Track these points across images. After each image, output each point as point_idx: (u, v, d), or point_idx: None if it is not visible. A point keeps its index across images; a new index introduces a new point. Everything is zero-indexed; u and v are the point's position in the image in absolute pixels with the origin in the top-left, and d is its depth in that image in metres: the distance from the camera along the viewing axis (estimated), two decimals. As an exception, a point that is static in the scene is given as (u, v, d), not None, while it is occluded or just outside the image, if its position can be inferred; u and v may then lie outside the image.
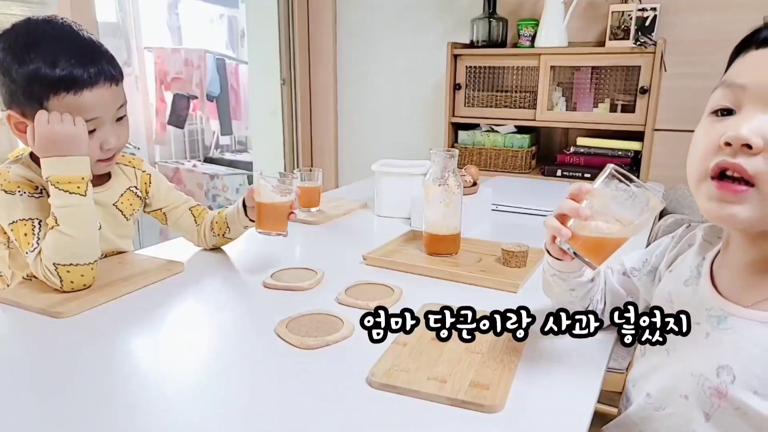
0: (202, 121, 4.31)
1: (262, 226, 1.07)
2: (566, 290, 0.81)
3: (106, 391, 0.70)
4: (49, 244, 0.94)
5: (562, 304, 0.85)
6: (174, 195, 1.23)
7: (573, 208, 0.69)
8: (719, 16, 2.13)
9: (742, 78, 0.59)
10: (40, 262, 0.94)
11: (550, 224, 0.72)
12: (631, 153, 2.26)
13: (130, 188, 1.17)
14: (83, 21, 1.87)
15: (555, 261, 0.78)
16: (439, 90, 2.73)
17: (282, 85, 3.02)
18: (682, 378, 0.63)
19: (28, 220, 0.97)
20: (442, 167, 1.14)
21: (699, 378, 0.61)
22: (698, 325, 0.64)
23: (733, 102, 0.60)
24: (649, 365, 0.69)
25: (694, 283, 0.68)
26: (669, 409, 0.64)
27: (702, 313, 0.64)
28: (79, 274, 0.95)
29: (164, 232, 3.66)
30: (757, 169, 0.55)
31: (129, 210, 1.16)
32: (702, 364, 0.61)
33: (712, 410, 0.60)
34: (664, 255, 0.78)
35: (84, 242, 0.96)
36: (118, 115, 1.02)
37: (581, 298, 0.82)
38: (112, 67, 0.99)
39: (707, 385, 0.60)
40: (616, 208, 0.68)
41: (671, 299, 0.70)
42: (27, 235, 0.96)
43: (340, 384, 0.72)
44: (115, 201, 1.13)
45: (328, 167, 3.09)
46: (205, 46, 4.04)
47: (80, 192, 0.96)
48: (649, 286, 0.79)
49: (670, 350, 0.66)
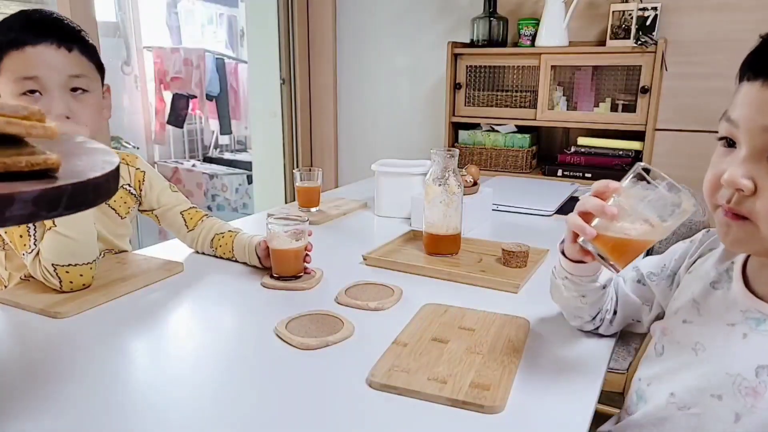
0: (202, 120, 4.30)
1: (279, 272, 1.04)
2: (576, 296, 0.79)
3: (105, 391, 0.70)
4: (47, 245, 0.94)
5: (570, 311, 0.84)
6: (166, 197, 1.20)
7: (599, 206, 0.66)
8: (720, 16, 2.12)
9: (735, 113, 0.60)
10: (39, 263, 0.94)
11: (573, 222, 0.69)
12: (632, 153, 2.26)
13: (123, 186, 1.15)
14: (83, 21, 1.87)
15: (569, 264, 0.76)
16: (440, 89, 2.72)
17: (282, 85, 3.01)
18: (716, 377, 0.63)
19: None
20: (442, 167, 1.13)
21: (736, 378, 0.61)
22: (733, 327, 0.64)
23: (732, 135, 0.61)
24: (672, 365, 0.69)
25: (725, 287, 0.68)
26: (695, 408, 0.64)
27: (736, 315, 0.65)
28: (78, 274, 0.95)
29: (164, 232, 3.66)
30: (750, 209, 0.58)
31: (124, 209, 1.15)
32: (739, 364, 0.62)
33: (745, 410, 0.60)
34: (684, 259, 0.77)
35: (82, 242, 0.96)
36: (73, 84, 0.97)
37: (591, 305, 0.80)
38: (70, 36, 0.97)
39: (744, 385, 0.60)
40: (644, 208, 0.65)
41: (695, 299, 0.70)
42: (22, 236, 0.96)
43: (340, 384, 0.72)
44: (108, 200, 1.12)
45: (328, 167, 3.09)
46: (204, 45, 4.05)
47: None
48: (666, 291, 0.79)
49: (699, 350, 0.66)
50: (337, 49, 3.00)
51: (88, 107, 1.00)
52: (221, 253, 1.17)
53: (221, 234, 1.17)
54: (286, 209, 1.57)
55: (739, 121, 0.59)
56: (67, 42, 0.96)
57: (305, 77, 3.04)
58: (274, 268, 1.05)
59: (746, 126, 0.58)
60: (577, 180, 2.19)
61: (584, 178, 2.23)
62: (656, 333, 0.74)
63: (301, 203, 1.55)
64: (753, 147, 0.58)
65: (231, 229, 1.19)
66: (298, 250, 1.04)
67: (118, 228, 1.16)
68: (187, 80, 3.83)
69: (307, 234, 1.05)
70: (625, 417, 0.73)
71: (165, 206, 1.20)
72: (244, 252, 1.13)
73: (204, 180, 3.88)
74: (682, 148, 2.18)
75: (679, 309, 0.71)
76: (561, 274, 0.79)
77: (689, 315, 0.70)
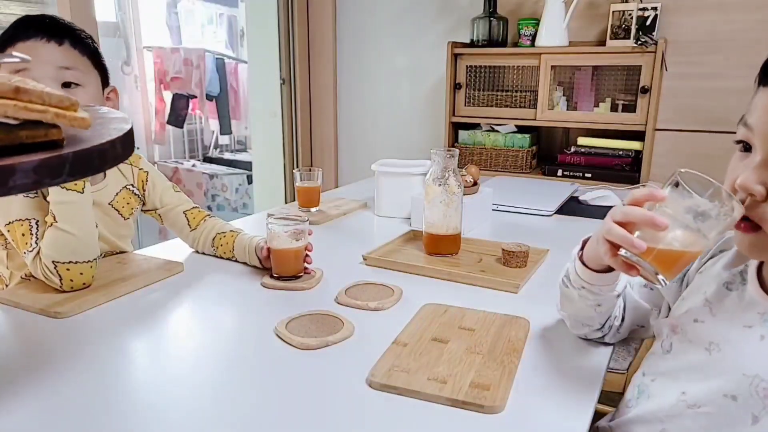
0: (202, 120, 4.30)
1: (279, 272, 1.04)
2: (592, 305, 0.77)
3: (104, 391, 0.70)
4: (47, 241, 0.94)
5: (579, 320, 0.82)
6: (169, 196, 1.20)
7: (648, 217, 0.61)
8: (720, 16, 2.12)
9: (752, 117, 0.60)
10: (39, 261, 0.94)
11: (617, 234, 0.63)
12: (632, 153, 2.26)
13: (127, 186, 1.15)
14: (83, 21, 1.88)
15: (589, 273, 0.74)
16: (440, 89, 2.72)
17: (282, 85, 3.01)
18: (731, 378, 0.63)
19: (24, 220, 0.97)
20: (442, 167, 1.13)
21: (753, 379, 0.61)
22: (750, 329, 0.64)
23: (749, 139, 0.61)
24: (682, 363, 0.68)
25: (739, 288, 0.68)
26: (706, 408, 0.64)
27: (753, 316, 0.64)
28: (78, 272, 0.95)
29: (164, 232, 3.66)
30: (762, 215, 0.58)
31: (127, 210, 1.15)
32: (757, 366, 0.61)
33: (763, 412, 0.60)
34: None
35: (83, 239, 0.96)
36: (64, 77, 0.98)
37: (603, 313, 0.79)
38: (62, 31, 0.98)
39: (762, 387, 0.60)
40: (690, 216, 0.61)
41: (708, 299, 0.70)
42: (24, 235, 0.96)
43: (340, 384, 0.72)
44: (110, 200, 1.12)
45: (328, 167, 3.09)
46: (204, 45, 4.04)
47: (77, 189, 0.96)
48: (677, 293, 0.78)
49: (713, 350, 0.66)
50: (337, 49, 3.00)
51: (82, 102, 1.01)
52: (221, 253, 1.17)
53: (222, 233, 1.17)
54: (286, 209, 1.57)
55: (754, 126, 0.59)
56: (57, 36, 0.97)
57: (305, 77, 3.04)
58: (274, 268, 1.05)
59: (761, 131, 0.58)
60: (577, 180, 2.19)
61: (584, 178, 2.24)
62: (663, 330, 0.73)
63: (301, 203, 1.55)
64: (767, 152, 0.58)
65: (233, 229, 1.19)
66: (298, 250, 1.04)
67: (121, 229, 1.16)
68: (187, 80, 3.83)
69: (308, 234, 1.05)
70: (624, 411, 0.73)
71: (168, 206, 1.20)
72: (245, 252, 1.13)
73: (204, 180, 3.88)
74: (682, 148, 2.18)
75: (690, 309, 0.71)
76: (577, 284, 0.76)
77: (701, 315, 0.69)
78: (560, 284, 0.81)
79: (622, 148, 2.27)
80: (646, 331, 0.83)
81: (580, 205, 1.67)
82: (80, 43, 1.00)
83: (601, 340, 0.83)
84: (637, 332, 0.84)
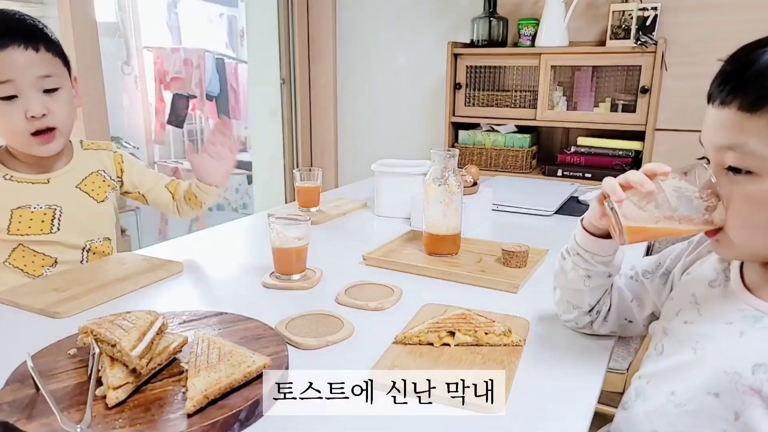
0: (202, 120, 4.30)
1: (282, 271, 1.05)
2: (582, 276, 0.80)
3: (104, 391, 0.69)
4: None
5: (569, 297, 0.83)
6: (148, 175, 1.27)
7: (640, 178, 0.67)
8: (720, 16, 2.12)
9: (702, 134, 0.67)
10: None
11: (609, 183, 0.69)
12: (632, 153, 2.26)
13: (99, 171, 1.19)
14: (83, 21, 1.88)
15: (585, 237, 0.77)
16: (440, 89, 2.73)
17: (282, 85, 3.01)
18: (713, 375, 0.64)
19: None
20: (442, 167, 1.13)
21: (733, 375, 0.62)
22: (731, 325, 0.65)
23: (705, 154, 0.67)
24: (672, 363, 0.69)
25: (722, 285, 0.70)
26: (690, 405, 0.65)
27: (734, 313, 0.66)
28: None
29: (164, 231, 3.66)
30: (722, 218, 0.64)
31: (99, 193, 1.18)
32: (737, 362, 0.62)
33: (743, 408, 0.60)
34: (680, 259, 0.79)
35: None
36: (45, 85, 1.03)
37: (593, 289, 0.80)
38: (34, 35, 1.01)
39: (741, 383, 0.61)
40: (676, 201, 0.66)
41: (696, 300, 0.71)
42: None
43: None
44: (77, 183, 1.15)
45: (327, 167, 3.09)
46: (204, 45, 4.04)
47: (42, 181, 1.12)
48: (660, 289, 0.80)
49: (697, 349, 0.67)
50: (337, 49, 3.00)
51: (63, 104, 1.06)
52: (192, 205, 1.26)
53: (188, 188, 1.26)
54: (286, 209, 1.57)
55: (702, 141, 0.67)
56: (33, 42, 1.00)
57: (305, 77, 3.04)
58: (276, 267, 1.06)
59: (706, 145, 0.66)
60: (577, 180, 2.19)
61: (584, 178, 2.24)
62: (656, 333, 0.75)
63: (301, 203, 1.55)
64: (714, 163, 0.65)
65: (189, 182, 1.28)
66: (299, 250, 1.04)
67: (96, 209, 1.18)
68: (187, 80, 3.82)
69: (309, 233, 1.05)
70: (621, 414, 0.73)
71: (149, 184, 1.27)
72: (199, 190, 1.23)
73: (204, 180, 3.87)
74: (681, 148, 2.18)
75: (681, 310, 0.72)
76: (573, 251, 0.80)
77: (690, 316, 0.71)
78: (558, 257, 0.84)
79: (621, 148, 2.27)
80: (636, 326, 0.84)
81: (580, 205, 1.67)
82: (52, 44, 1.04)
83: (591, 329, 0.84)
84: (627, 328, 0.85)
